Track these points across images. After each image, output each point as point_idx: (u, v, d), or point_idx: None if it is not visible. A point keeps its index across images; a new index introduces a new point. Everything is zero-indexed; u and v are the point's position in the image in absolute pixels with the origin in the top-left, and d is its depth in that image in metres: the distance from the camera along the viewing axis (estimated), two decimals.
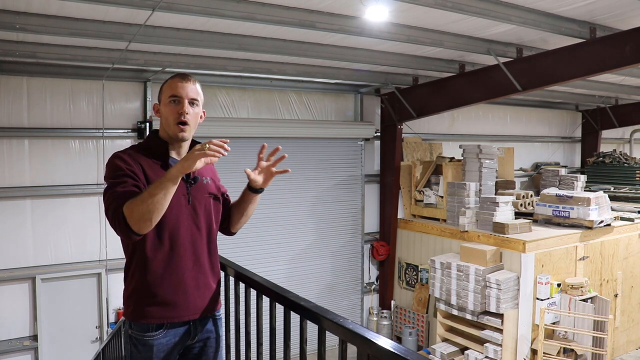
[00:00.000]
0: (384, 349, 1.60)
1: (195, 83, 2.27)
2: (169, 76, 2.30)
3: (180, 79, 2.24)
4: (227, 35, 5.64)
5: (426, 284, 8.34)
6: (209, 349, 2.39)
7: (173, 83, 2.24)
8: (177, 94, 2.21)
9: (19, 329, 6.54)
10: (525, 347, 6.87)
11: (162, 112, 2.26)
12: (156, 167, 2.21)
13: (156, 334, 2.21)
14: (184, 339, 2.29)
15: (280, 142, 9.83)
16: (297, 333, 2.15)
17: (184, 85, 2.22)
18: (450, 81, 7.67)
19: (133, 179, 2.11)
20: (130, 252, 2.23)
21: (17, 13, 4.66)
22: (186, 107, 2.21)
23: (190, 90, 2.23)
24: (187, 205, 2.24)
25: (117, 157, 2.18)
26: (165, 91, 2.26)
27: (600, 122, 11.94)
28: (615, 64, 5.54)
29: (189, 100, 2.22)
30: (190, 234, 2.25)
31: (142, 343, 2.22)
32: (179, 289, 2.22)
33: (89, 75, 6.71)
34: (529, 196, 8.42)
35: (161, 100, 2.28)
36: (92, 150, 6.85)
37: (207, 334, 2.38)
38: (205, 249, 2.32)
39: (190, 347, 2.36)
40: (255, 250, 7.69)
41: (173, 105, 2.21)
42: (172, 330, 2.24)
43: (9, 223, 6.43)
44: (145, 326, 2.21)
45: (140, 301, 2.21)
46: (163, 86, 2.29)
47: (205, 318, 2.35)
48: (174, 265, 2.21)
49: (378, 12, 4.70)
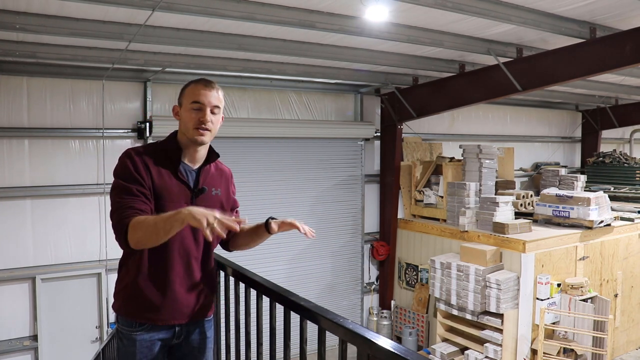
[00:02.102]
0: (384, 349, 1.60)
1: (218, 90, 2.25)
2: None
3: (204, 86, 2.21)
4: (227, 35, 5.63)
5: (426, 284, 8.34)
6: (195, 350, 2.40)
7: (196, 89, 2.21)
8: (199, 100, 2.19)
9: (19, 329, 6.53)
10: (525, 347, 6.87)
11: (182, 116, 2.23)
12: (164, 173, 2.20)
13: (140, 329, 2.24)
14: (169, 338, 2.32)
15: (280, 142, 9.82)
16: (297, 333, 2.15)
17: (207, 93, 2.19)
18: (450, 81, 7.67)
19: (139, 184, 2.12)
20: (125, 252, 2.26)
21: (17, 13, 4.66)
22: (208, 116, 2.19)
23: (213, 98, 2.21)
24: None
25: (128, 155, 2.18)
26: (188, 96, 2.22)
27: (600, 122, 11.93)
28: (615, 64, 5.54)
29: (211, 108, 2.20)
30: (186, 244, 2.25)
31: (126, 337, 2.27)
32: (167, 295, 2.22)
33: (89, 75, 6.71)
34: (529, 196, 8.42)
35: (182, 104, 2.25)
36: (92, 150, 6.84)
37: (195, 335, 2.39)
38: (200, 259, 2.31)
39: (176, 347, 2.37)
40: (255, 250, 7.66)
41: (195, 112, 2.19)
42: (155, 329, 2.27)
43: (9, 223, 6.43)
44: (130, 322, 2.25)
45: (128, 299, 2.25)
46: (185, 89, 2.25)
47: (193, 322, 2.36)
48: (165, 272, 2.21)
49: (378, 12, 4.69)
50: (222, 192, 2.37)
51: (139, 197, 2.10)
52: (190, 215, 1.85)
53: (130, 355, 2.26)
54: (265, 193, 7.95)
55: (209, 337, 2.46)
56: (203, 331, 2.42)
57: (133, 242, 2.02)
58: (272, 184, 8.08)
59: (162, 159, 2.22)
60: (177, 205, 2.13)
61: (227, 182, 2.43)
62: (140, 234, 2.00)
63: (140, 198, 2.10)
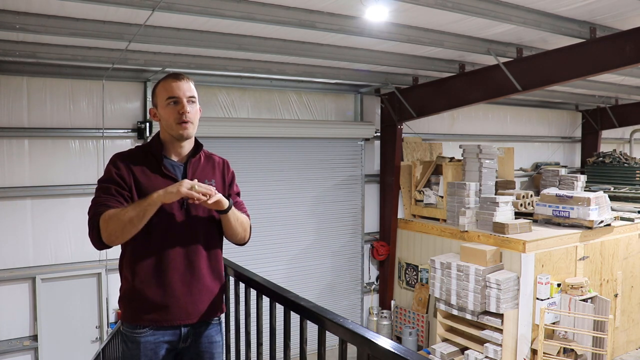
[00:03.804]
0: (384, 349, 1.60)
1: (189, 81, 2.25)
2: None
3: (174, 79, 2.21)
4: (227, 35, 5.64)
5: (426, 284, 8.33)
6: (205, 354, 2.34)
7: (167, 84, 2.21)
8: (174, 94, 2.19)
9: (19, 329, 6.53)
10: (525, 347, 6.87)
11: (161, 114, 2.23)
12: (148, 171, 2.20)
13: (143, 331, 2.21)
14: (175, 341, 2.26)
15: (280, 142, 9.82)
16: (297, 333, 2.15)
17: (179, 85, 2.20)
18: (450, 81, 7.67)
19: (118, 185, 2.15)
20: (121, 255, 2.25)
21: (17, 13, 4.66)
22: (186, 107, 2.19)
23: (186, 88, 2.21)
24: (180, 209, 2.21)
25: (111, 161, 2.22)
26: (161, 94, 2.22)
27: (600, 122, 11.93)
28: (615, 64, 5.54)
29: (187, 99, 2.20)
30: (182, 238, 2.21)
31: (131, 340, 2.23)
32: (167, 294, 2.19)
33: (89, 75, 6.71)
34: (529, 196, 8.42)
35: (157, 104, 2.25)
36: (92, 150, 6.85)
37: (203, 339, 2.33)
38: (202, 254, 2.26)
39: (184, 351, 2.32)
40: (255, 250, 7.69)
41: (172, 107, 2.19)
42: (160, 330, 2.22)
43: (9, 223, 6.43)
44: (133, 325, 2.23)
45: (129, 304, 2.23)
46: (156, 89, 2.26)
47: (200, 323, 2.30)
48: (163, 270, 2.18)
49: (378, 12, 4.70)
50: (217, 182, 2.33)
51: (116, 196, 2.12)
52: (164, 193, 1.94)
53: (135, 358, 2.21)
54: (265, 193, 7.95)
55: (217, 341, 2.38)
56: (211, 335, 2.35)
57: (105, 236, 2.03)
58: (272, 184, 8.08)
59: (147, 159, 2.23)
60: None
61: (222, 171, 2.40)
62: (112, 226, 2.01)
63: (117, 197, 2.12)
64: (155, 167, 2.22)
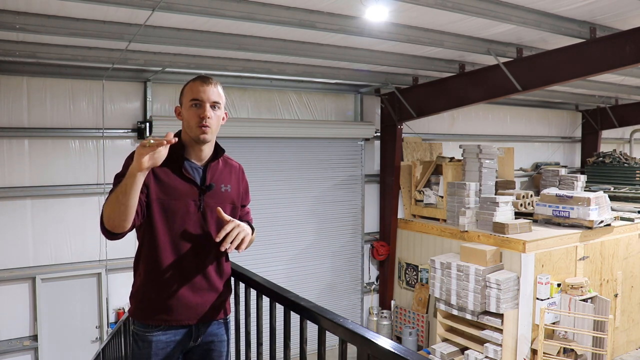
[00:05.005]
0: (384, 349, 1.60)
1: (216, 85, 2.24)
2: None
3: (202, 82, 2.21)
4: (227, 35, 5.64)
5: (426, 284, 8.34)
6: (213, 352, 2.38)
7: (194, 86, 2.21)
8: (198, 97, 2.18)
9: (19, 329, 6.54)
10: (525, 347, 6.87)
11: (184, 115, 2.24)
12: (170, 171, 2.20)
13: (155, 331, 2.23)
14: (185, 339, 2.29)
15: (280, 142, 9.82)
16: (297, 333, 2.15)
17: (205, 89, 2.19)
18: (450, 81, 7.67)
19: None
20: (137, 253, 2.26)
21: (17, 13, 4.66)
22: (208, 111, 2.18)
23: (211, 93, 2.20)
24: (196, 212, 2.22)
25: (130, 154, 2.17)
26: (187, 94, 2.23)
27: (600, 122, 11.94)
28: (615, 64, 5.54)
29: (210, 103, 2.20)
30: (197, 241, 2.23)
31: (142, 339, 2.24)
32: (179, 295, 2.21)
33: (89, 75, 6.71)
34: (529, 196, 8.42)
35: (182, 103, 2.26)
36: (92, 150, 6.85)
37: (211, 338, 2.36)
38: (212, 255, 2.28)
39: (193, 350, 2.35)
40: (255, 250, 7.67)
41: (195, 109, 2.19)
42: (172, 330, 2.25)
43: (9, 223, 6.43)
44: (145, 324, 2.24)
45: (141, 302, 2.24)
46: (184, 89, 2.26)
47: (210, 322, 2.34)
48: (176, 271, 2.20)
49: (378, 12, 4.69)
50: (233, 188, 2.35)
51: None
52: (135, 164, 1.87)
53: (145, 357, 2.23)
54: (265, 193, 7.95)
55: (224, 341, 2.42)
56: (219, 334, 2.38)
57: (105, 221, 2.02)
58: (272, 184, 8.08)
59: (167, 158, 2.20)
60: (184, 203, 2.18)
61: (238, 177, 2.41)
62: (107, 209, 2.00)
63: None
64: (176, 168, 2.22)
